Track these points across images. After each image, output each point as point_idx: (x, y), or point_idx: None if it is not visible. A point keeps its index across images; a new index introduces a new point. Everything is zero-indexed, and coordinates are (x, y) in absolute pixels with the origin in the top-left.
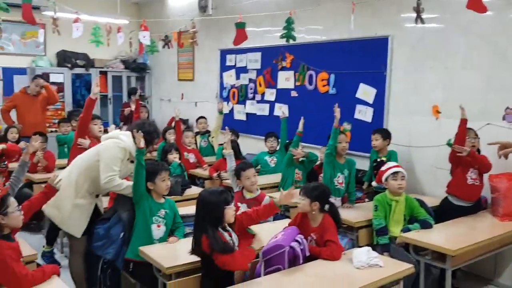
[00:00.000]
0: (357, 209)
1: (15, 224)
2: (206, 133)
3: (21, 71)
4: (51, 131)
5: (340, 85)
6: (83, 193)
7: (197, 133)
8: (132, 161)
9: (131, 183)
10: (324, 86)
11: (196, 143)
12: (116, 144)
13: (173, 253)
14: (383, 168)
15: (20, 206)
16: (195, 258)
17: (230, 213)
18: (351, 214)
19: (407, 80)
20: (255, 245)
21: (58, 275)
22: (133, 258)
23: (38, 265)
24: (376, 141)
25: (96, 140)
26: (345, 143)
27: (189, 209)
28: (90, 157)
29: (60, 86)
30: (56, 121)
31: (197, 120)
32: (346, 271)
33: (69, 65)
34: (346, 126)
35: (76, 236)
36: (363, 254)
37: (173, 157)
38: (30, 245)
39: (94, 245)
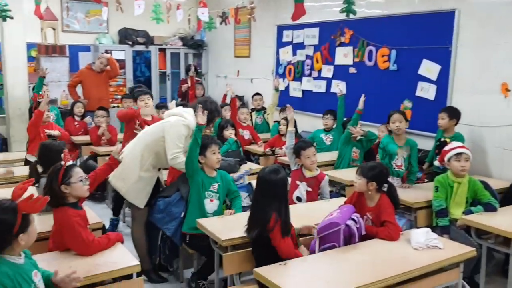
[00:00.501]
0: (416, 189)
1: (78, 193)
2: (261, 109)
3: (86, 48)
4: (113, 106)
5: (402, 61)
6: (147, 167)
7: (252, 110)
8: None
9: None
10: (384, 62)
11: (251, 120)
12: (181, 121)
13: (230, 226)
14: (446, 148)
15: (87, 177)
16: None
17: None
18: (410, 194)
19: (475, 56)
20: (303, 251)
21: (122, 242)
22: (189, 232)
23: (104, 231)
24: (442, 120)
25: (145, 117)
26: (398, 123)
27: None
28: (155, 132)
29: (122, 63)
30: (119, 96)
31: (252, 96)
32: (403, 252)
33: (130, 42)
34: (407, 104)
35: (139, 207)
36: (422, 235)
37: (229, 133)
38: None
39: (154, 216)
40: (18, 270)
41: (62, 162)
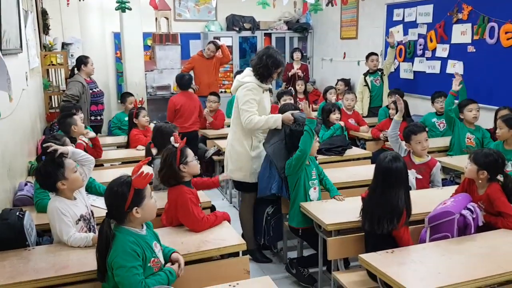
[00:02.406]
0: None
1: (194, 171)
2: (377, 71)
3: (196, 36)
4: (221, 92)
5: None
6: (255, 144)
7: (366, 74)
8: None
9: (268, 117)
10: (508, 39)
11: (367, 85)
12: (245, 88)
13: (334, 210)
14: None
15: (196, 156)
16: (354, 218)
17: None
18: None
19: None
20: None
21: (229, 221)
22: (300, 226)
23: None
24: None
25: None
26: (499, 130)
27: (347, 171)
28: (235, 111)
29: (229, 49)
30: (227, 82)
31: (367, 57)
32: None
33: (237, 29)
34: None
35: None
36: None
37: (336, 117)
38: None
39: (260, 187)
40: (141, 240)
41: (176, 144)
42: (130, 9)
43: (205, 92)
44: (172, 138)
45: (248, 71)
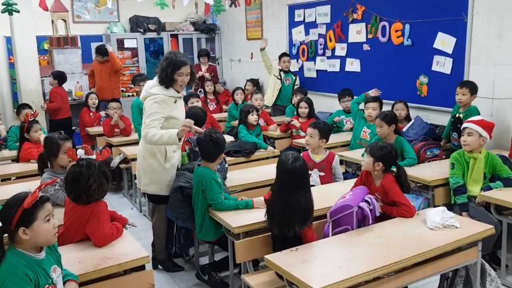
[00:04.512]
0: (433, 166)
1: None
2: (290, 72)
3: (98, 38)
4: (129, 95)
5: (416, 36)
6: (169, 155)
7: (280, 71)
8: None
9: (163, 133)
10: (398, 37)
11: (280, 79)
12: (152, 100)
13: (241, 212)
14: None
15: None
16: (262, 218)
17: None
18: (427, 172)
19: (491, 26)
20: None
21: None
22: (213, 240)
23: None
24: (463, 95)
25: None
26: (379, 128)
27: (255, 171)
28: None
29: (134, 51)
30: (132, 86)
31: (280, 57)
32: (419, 232)
33: (142, 30)
34: (423, 79)
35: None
36: (438, 215)
37: (254, 118)
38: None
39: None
40: (36, 264)
41: (90, 156)
42: (17, 11)
43: (100, 97)
44: (80, 151)
45: (155, 80)
